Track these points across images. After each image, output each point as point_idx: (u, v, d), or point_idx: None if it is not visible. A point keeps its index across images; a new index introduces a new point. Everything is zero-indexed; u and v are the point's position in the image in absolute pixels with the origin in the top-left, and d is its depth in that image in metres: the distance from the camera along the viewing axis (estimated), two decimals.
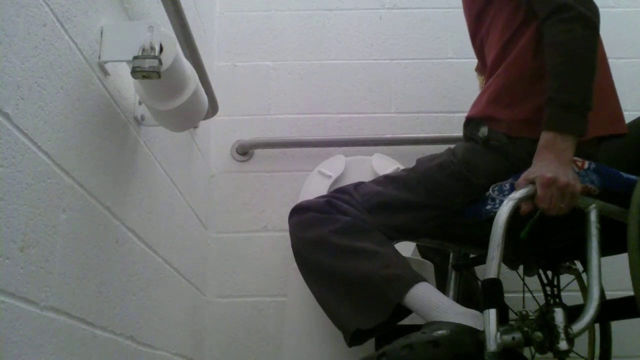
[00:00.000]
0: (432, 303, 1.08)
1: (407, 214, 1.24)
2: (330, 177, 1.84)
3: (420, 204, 1.23)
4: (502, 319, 1.00)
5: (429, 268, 1.50)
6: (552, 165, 1.08)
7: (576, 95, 1.11)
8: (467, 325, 1.02)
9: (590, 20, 1.14)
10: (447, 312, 1.06)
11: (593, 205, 1.10)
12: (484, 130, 1.23)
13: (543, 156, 1.10)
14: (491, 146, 1.22)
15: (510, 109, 1.21)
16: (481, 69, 1.46)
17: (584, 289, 1.51)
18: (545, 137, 1.11)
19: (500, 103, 1.23)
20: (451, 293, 1.43)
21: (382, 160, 1.86)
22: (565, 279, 1.50)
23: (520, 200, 1.07)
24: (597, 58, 1.15)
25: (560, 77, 1.13)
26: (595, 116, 1.17)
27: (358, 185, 1.30)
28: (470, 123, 1.28)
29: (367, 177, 1.75)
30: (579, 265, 1.49)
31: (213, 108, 1.62)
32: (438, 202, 1.23)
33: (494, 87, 1.25)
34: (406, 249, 1.66)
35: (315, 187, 1.82)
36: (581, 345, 1.51)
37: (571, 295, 1.50)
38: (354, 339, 1.16)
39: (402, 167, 1.79)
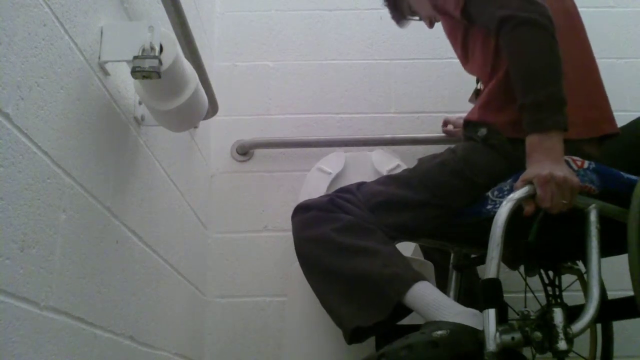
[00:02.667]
0: (432, 302, 1.08)
1: (409, 213, 1.24)
2: (330, 173, 1.83)
3: (422, 202, 1.24)
4: (502, 319, 1.00)
5: (429, 268, 1.51)
6: (546, 163, 1.09)
7: (541, 93, 1.13)
8: (466, 325, 1.02)
9: (534, 21, 1.16)
10: (446, 312, 1.06)
11: (593, 206, 1.10)
12: (482, 131, 1.25)
13: (534, 158, 1.11)
14: (490, 145, 1.23)
15: (499, 113, 1.24)
16: None
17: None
18: (529, 140, 1.13)
19: (491, 107, 1.26)
20: (452, 293, 1.43)
21: (383, 156, 1.86)
22: (569, 279, 1.50)
23: (520, 200, 1.07)
24: (556, 51, 1.16)
25: (521, 82, 1.16)
26: (583, 118, 1.21)
27: (361, 184, 1.31)
28: (469, 125, 1.30)
29: (367, 173, 1.75)
30: (581, 265, 1.48)
31: (213, 108, 1.62)
32: (439, 201, 1.24)
33: (485, 94, 1.30)
34: (406, 249, 1.66)
35: (315, 184, 1.81)
36: (583, 345, 1.51)
37: (574, 295, 1.50)
38: (353, 336, 1.16)
39: (402, 163, 1.80)
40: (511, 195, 1.08)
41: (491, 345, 0.97)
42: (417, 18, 1.60)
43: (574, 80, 1.26)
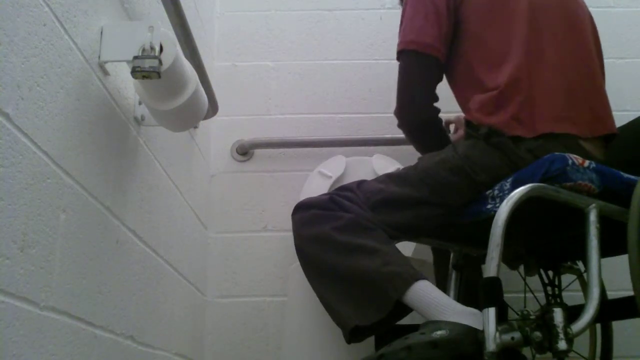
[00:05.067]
0: (432, 301, 1.08)
1: (409, 211, 1.24)
2: (330, 177, 1.83)
3: (421, 200, 1.24)
4: (501, 318, 1.00)
5: (428, 267, 1.51)
6: None
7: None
8: (466, 325, 1.02)
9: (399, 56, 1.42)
10: (446, 311, 1.06)
11: (593, 205, 1.10)
12: (484, 129, 1.24)
13: None
14: (492, 143, 1.23)
15: (495, 115, 1.26)
16: None
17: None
18: None
19: (485, 110, 1.27)
20: (452, 293, 1.43)
21: (383, 160, 1.86)
22: (570, 279, 1.50)
23: (521, 199, 1.07)
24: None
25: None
26: (578, 117, 1.25)
27: (361, 183, 1.31)
28: (470, 124, 1.30)
29: (367, 178, 1.75)
30: (581, 265, 1.48)
31: (213, 108, 1.62)
32: (439, 199, 1.24)
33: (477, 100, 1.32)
34: (406, 248, 1.66)
35: (315, 188, 1.82)
36: (583, 345, 1.51)
37: (574, 295, 1.50)
38: (352, 336, 1.16)
39: (402, 167, 1.80)
40: (512, 194, 1.08)
41: (491, 345, 0.97)
42: None
43: (573, 81, 1.27)
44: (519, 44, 1.29)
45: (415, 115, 1.42)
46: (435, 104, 1.43)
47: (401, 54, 1.41)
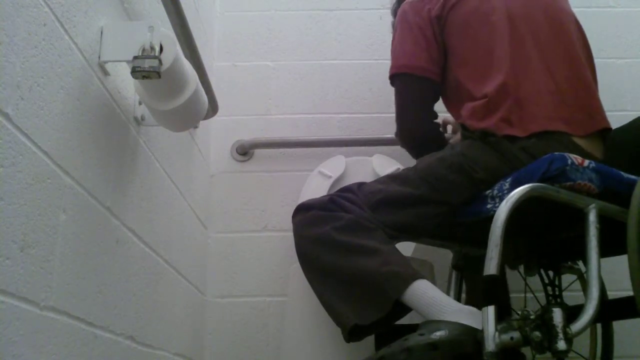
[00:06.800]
0: (430, 300, 1.08)
1: (409, 210, 1.24)
2: (330, 177, 1.84)
3: (422, 198, 1.24)
4: (502, 316, 1.00)
5: (428, 267, 1.51)
6: None
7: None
8: (465, 325, 1.02)
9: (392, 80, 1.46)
10: (445, 310, 1.06)
11: (592, 205, 1.10)
12: (478, 132, 1.26)
13: None
14: (488, 142, 1.24)
15: (486, 119, 1.27)
16: None
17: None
18: None
19: (476, 117, 1.29)
20: (452, 293, 1.43)
21: (383, 160, 1.87)
22: (571, 279, 1.50)
23: (520, 199, 1.07)
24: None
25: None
26: (570, 115, 1.26)
27: (361, 184, 1.32)
28: (465, 126, 1.32)
29: (367, 178, 1.76)
30: (581, 265, 1.48)
31: (213, 108, 1.61)
32: (439, 197, 1.24)
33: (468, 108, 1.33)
34: (406, 249, 1.66)
35: (315, 188, 1.82)
36: (584, 345, 1.51)
37: (576, 296, 1.50)
38: (352, 335, 1.17)
39: (402, 167, 1.80)
40: (511, 195, 1.08)
41: (490, 345, 0.97)
42: None
43: (562, 83, 1.29)
44: (503, 56, 1.31)
45: (415, 135, 1.45)
46: (435, 120, 1.46)
47: (394, 78, 1.44)
